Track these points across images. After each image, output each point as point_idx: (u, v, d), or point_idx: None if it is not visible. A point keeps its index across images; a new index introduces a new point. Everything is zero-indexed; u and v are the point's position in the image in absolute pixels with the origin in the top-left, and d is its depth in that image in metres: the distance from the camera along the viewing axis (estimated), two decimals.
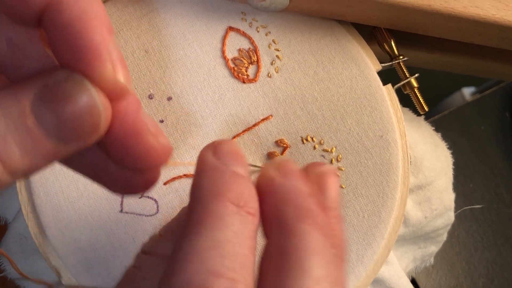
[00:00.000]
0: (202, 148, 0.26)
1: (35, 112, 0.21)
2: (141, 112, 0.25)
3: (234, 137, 0.34)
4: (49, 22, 0.22)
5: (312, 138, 0.34)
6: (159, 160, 0.25)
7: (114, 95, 0.23)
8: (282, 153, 0.34)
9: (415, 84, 0.37)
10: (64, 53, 0.22)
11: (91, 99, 0.22)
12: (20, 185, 0.33)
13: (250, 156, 0.34)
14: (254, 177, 0.33)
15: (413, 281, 0.62)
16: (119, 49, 0.23)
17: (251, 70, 0.35)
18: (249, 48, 0.35)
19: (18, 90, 0.22)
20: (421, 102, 0.37)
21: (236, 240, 0.23)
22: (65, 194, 0.32)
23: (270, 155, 0.34)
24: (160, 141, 0.24)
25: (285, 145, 0.34)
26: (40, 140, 0.22)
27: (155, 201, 0.33)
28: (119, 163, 0.25)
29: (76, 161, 0.25)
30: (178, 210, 0.33)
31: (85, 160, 0.25)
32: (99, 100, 0.22)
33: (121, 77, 0.22)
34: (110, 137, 0.24)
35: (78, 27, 0.22)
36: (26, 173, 0.22)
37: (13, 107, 0.21)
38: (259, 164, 0.33)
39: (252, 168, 0.33)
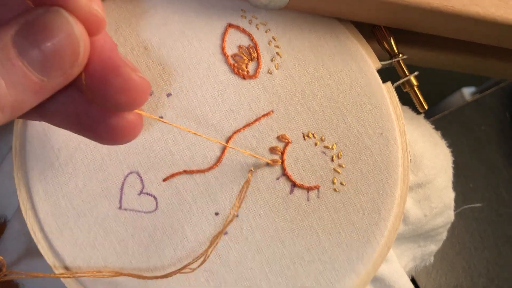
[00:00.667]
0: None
1: (17, 46, 0.22)
2: (117, 49, 0.25)
3: (234, 133, 0.33)
4: None
5: (313, 135, 0.34)
6: (139, 93, 0.25)
7: (92, 25, 0.23)
8: (284, 148, 0.34)
9: (414, 82, 0.37)
10: None
11: (70, 28, 0.22)
12: (19, 183, 0.33)
13: (251, 151, 0.33)
14: (255, 171, 0.33)
15: (413, 281, 0.61)
16: None
17: (251, 66, 0.34)
18: (249, 45, 0.35)
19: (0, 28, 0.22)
20: (420, 100, 0.37)
21: None
22: (63, 191, 0.32)
23: (272, 150, 0.34)
24: (138, 74, 0.25)
25: (287, 141, 0.34)
26: (24, 72, 0.22)
27: (154, 197, 0.33)
28: (100, 101, 0.25)
29: (59, 112, 0.26)
30: (178, 207, 0.33)
31: (67, 109, 0.26)
32: (77, 28, 0.23)
33: (95, 6, 0.23)
34: (89, 73, 0.24)
35: None
36: (14, 109, 0.23)
37: None
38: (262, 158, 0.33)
39: (258, 160, 0.33)
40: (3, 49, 0.22)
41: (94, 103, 0.25)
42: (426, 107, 0.37)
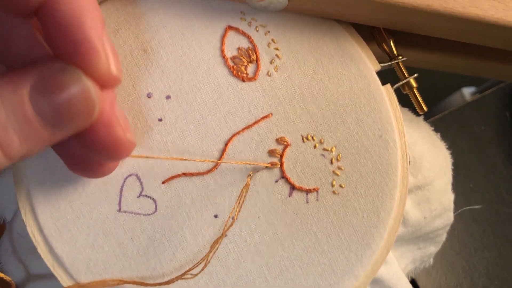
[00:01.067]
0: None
1: (33, 102, 0.22)
2: (115, 105, 0.26)
3: (234, 135, 0.33)
4: (45, 16, 0.23)
5: (312, 137, 0.34)
6: (122, 152, 0.27)
7: (107, 84, 0.24)
8: (283, 151, 0.34)
9: (414, 84, 0.37)
10: (60, 46, 0.23)
11: (86, 90, 0.23)
12: (18, 185, 0.33)
13: (250, 153, 0.33)
14: (253, 175, 0.33)
15: (413, 281, 0.61)
16: (111, 41, 0.24)
17: (251, 68, 0.34)
18: (248, 47, 0.35)
19: (16, 80, 0.23)
20: (420, 102, 0.37)
21: None
22: (63, 193, 0.32)
23: (271, 153, 0.34)
24: (126, 136, 0.26)
25: (286, 143, 0.34)
26: (38, 128, 0.23)
27: (154, 200, 0.33)
28: (84, 145, 0.26)
29: None
30: (177, 209, 0.33)
31: None
32: (94, 90, 0.23)
33: (114, 69, 0.24)
34: None
35: (74, 23, 0.23)
36: (23, 157, 0.23)
37: (12, 97, 0.22)
38: (260, 162, 0.33)
39: (253, 166, 0.33)
40: (20, 104, 0.22)
41: (79, 143, 0.26)
42: (425, 109, 0.37)
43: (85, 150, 0.27)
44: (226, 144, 0.33)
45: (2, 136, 0.22)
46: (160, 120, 0.33)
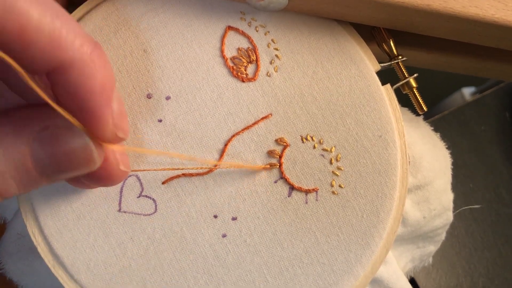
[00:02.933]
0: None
1: (34, 154, 0.23)
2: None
3: (233, 136, 0.34)
4: (54, 79, 0.23)
5: (311, 137, 0.34)
6: (114, 181, 0.28)
7: (111, 143, 0.25)
8: (282, 151, 0.34)
9: (414, 84, 0.37)
10: (67, 106, 0.24)
11: (88, 149, 0.24)
12: None
13: (250, 154, 0.33)
14: (251, 176, 0.33)
15: (413, 281, 0.62)
16: (121, 100, 0.25)
17: (250, 69, 0.34)
18: (248, 47, 0.35)
19: (19, 130, 0.23)
20: (420, 102, 0.37)
21: None
22: (63, 193, 0.32)
23: (270, 153, 0.34)
24: (121, 168, 0.27)
25: (285, 144, 0.34)
26: (36, 177, 0.24)
27: (154, 200, 0.33)
28: None
29: None
30: (177, 210, 0.33)
31: None
32: (97, 155, 0.24)
33: (120, 133, 0.25)
34: None
35: (83, 91, 0.23)
36: (16, 195, 0.24)
37: (13, 148, 0.23)
38: (259, 163, 0.33)
39: (249, 169, 0.33)
40: (20, 155, 0.23)
41: None
42: (425, 109, 0.37)
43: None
44: (225, 145, 0.33)
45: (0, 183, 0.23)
46: (160, 121, 0.33)
